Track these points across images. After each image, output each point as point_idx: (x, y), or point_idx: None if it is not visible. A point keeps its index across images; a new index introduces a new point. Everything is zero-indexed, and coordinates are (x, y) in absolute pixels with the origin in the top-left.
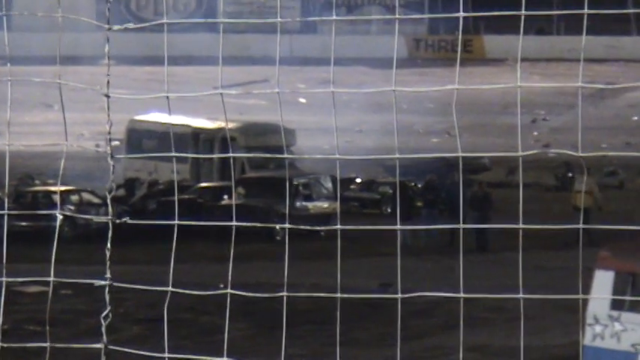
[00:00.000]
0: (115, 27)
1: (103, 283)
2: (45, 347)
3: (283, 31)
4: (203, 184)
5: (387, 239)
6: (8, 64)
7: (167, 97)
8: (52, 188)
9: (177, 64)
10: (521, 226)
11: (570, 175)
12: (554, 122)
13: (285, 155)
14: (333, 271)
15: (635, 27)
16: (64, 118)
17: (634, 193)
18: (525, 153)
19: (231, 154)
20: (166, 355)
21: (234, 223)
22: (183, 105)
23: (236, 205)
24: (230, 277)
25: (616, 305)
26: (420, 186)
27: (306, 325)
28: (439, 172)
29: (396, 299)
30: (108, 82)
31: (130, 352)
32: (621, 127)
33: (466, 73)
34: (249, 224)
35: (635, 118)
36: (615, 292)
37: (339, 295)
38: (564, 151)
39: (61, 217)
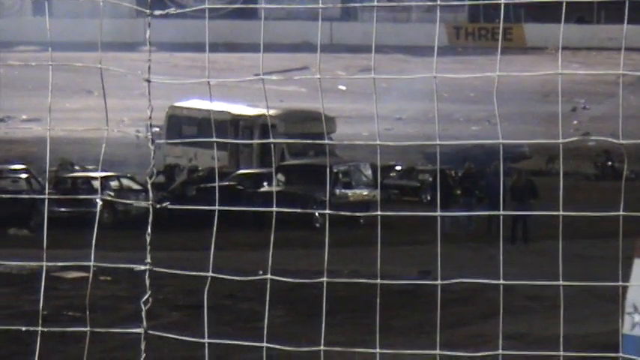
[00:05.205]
0: (157, 12)
1: (142, 268)
2: (85, 332)
3: (324, 18)
4: (243, 171)
5: (427, 227)
6: (49, 50)
7: (208, 83)
8: (92, 174)
9: (218, 51)
10: (561, 213)
11: (610, 163)
12: (594, 111)
13: (326, 141)
14: (373, 258)
15: None
16: (105, 104)
17: None
18: (566, 140)
19: (271, 140)
20: (206, 340)
21: (274, 209)
22: (223, 91)
23: (276, 192)
24: (270, 264)
25: None
26: (459, 174)
27: (345, 312)
28: (479, 160)
29: (436, 286)
30: (149, 67)
31: (170, 338)
32: None
33: (506, 61)
34: (289, 210)
35: None
36: None
37: (378, 281)
38: (605, 139)
39: (101, 202)
